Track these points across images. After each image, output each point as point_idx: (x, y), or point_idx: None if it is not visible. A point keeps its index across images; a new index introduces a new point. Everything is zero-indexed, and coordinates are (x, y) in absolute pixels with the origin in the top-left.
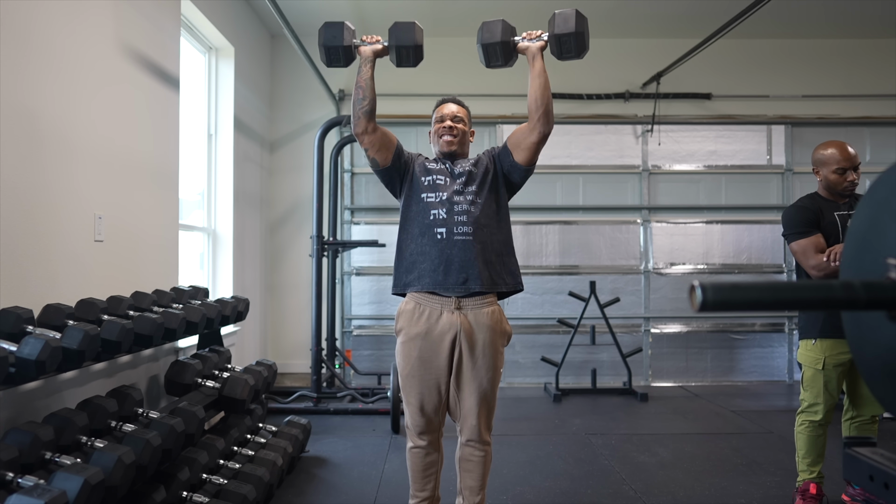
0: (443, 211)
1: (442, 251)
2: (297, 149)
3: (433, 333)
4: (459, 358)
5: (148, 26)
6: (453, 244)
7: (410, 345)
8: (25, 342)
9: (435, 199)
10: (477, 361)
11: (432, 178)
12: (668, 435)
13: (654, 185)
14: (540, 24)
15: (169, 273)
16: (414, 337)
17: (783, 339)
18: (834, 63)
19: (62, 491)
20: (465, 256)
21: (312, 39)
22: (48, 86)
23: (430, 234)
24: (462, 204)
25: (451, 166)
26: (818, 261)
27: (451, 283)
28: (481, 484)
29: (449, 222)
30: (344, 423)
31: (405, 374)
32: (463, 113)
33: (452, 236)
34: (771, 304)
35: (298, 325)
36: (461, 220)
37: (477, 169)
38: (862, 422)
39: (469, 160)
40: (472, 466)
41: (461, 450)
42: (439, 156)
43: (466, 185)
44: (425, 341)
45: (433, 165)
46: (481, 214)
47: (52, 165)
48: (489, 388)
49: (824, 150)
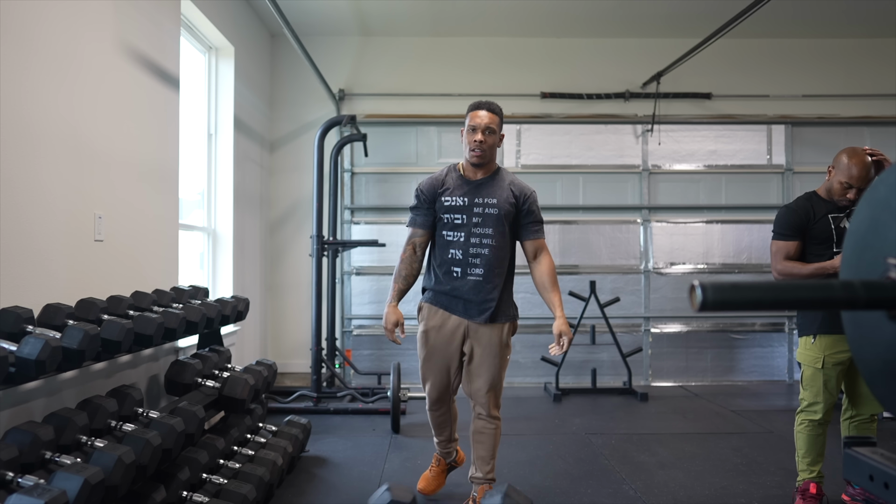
0: (459, 253)
1: (455, 287)
2: (297, 148)
3: (446, 328)
4: (471, 348)
5: (148, 26)
6: (465, 283)
7: (427, 334)
8: (25, 342)
9: (453, 238)
10: (485, 350)
11: (450, 218)
12: (668, 434)
13: (654, 185)
14: (541, 23)
15: (169, 273)
16: (430, 329)
17: (783, 339)
18: (834, 63)
19: (62, 491)
20: (475, 297)
21: (312, 39)
22: (48, 85)
23: (448, 271)
24: (476, 247)
25: (469, 201)
26: (783, 266)
27: (460, 312)
28: (492, 454)
29: (464, 263)
30: (344, 423)
31: (422, 357)
32: (496, 122)
33: (466, 276)
34: (771, 304)
35: (298, 325)
36: (475, 262)
37: (498, 210)
38: (861, 420)
39: (493, 189)
40: (483, 438)
41: (474, 423)
42: (466, 164)
43: (483, 227)
44: (439, 333)
45: (450, 201)
46: (493, 257)
47: (52, 165)
48: (496, 373)
49: (849, 158)
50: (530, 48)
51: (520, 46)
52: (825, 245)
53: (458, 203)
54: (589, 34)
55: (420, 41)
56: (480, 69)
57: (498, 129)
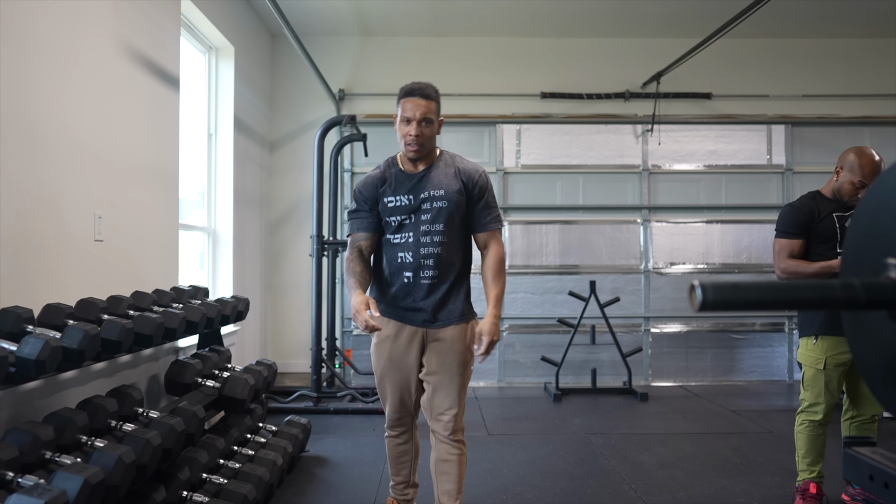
0: (409, 255)
1: (408, 293)
2: (297, 148)
3: (401, 337)
4: (430, 358)
5: (148, 26)
6: (419, 287)
7: (381, 346)
8: (25, 342)
9: (401, 240)
10: (446, 358)
11: (397, 220)
12: (668, 434)
13: (654, 185)
14: (540, 22)
15: (169, 273)
16: (384, 339)
17: (783, 339)
18: (834, 62)
19: (62, 490)
20: (430, 301)
21: (312, 39)
22: (48, 85)
23: (399, 276)
24: (427, 246)
25: (414, 198)
26: (787, 265)
27: (416, 321)
28: (458, 487)
29: (415, 266)
30: (344, 423)
31: (378, 373)
32: (432, 110)
33: (419, 280)
34: (771, 304)
35: (298, 325)
36: (427, 262)
37: (447, 202)
38: (862, 421)
39: (438, 179)
40: (448, 468)
41: (436, 450)
42: (404, 157)
43: (433, 223)
44: (395, 343)
45: (394, 201)
46: (446, 254)
47: (52, 165)
48: (460, 383)
49: (858, 158)
50: (530, 48)
51: (520, 46)
52: (829, 244)
53: (403, 202)
54: (589, 34)
55: (420, 41)
56: (480, 69)
57: (436, 117)
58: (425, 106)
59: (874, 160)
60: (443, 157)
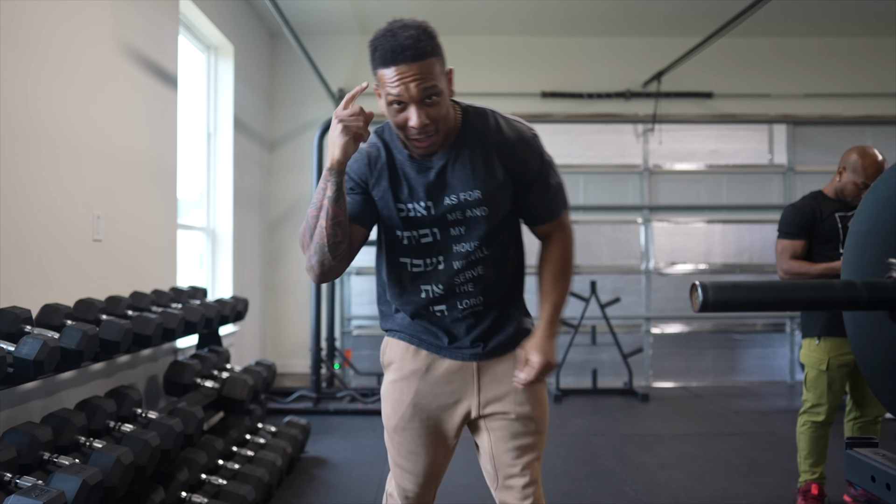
0: (439, 288)
1: (443, 328)
2: (297, 148)
3: (437, 370)
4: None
5: (147, 25)
6: (457, 322)
7: (404, 385)
8: (24, 342)
9: (424, 268)
10: (517, 397)
11: (413, 237)
12: (669, 435)
13: (654, 185)
14: (541, 22)
15: (168, 273)
16: (410, 375)
17: (785, 340)
18: (836, 62)
19: (60, 492)
20: (476, 334)
21: (312, 38)
22: (47, 85)
23: (426, 312)
24: (466, 271)
25: (435, 205)
26: (790, 266)
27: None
28: None
29: (450, 297)
30: (343, 424)
31: (392, 425)
32: (433, 71)
33: (456, 311)
34: (772, 304)
35: (298, 325)
36: (467, 290)
37: (487, 209)
38: (865, 422)
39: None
40: None
41: None
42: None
43: (469, 240)
44: (424, 382)
45: (403, 210)
46: (494, 271)
47: (50, 165)
48: (535, 428)
49: (862, 158)
50: (530, 47)
51: (520, 45)
52: (832, 244)
53: (420, 212)
54: (589, 33)
55: None
56: (480, 68)
57: (443, 77)
58: (422, 72)
59: (877, 160)
60: (468, 126)
